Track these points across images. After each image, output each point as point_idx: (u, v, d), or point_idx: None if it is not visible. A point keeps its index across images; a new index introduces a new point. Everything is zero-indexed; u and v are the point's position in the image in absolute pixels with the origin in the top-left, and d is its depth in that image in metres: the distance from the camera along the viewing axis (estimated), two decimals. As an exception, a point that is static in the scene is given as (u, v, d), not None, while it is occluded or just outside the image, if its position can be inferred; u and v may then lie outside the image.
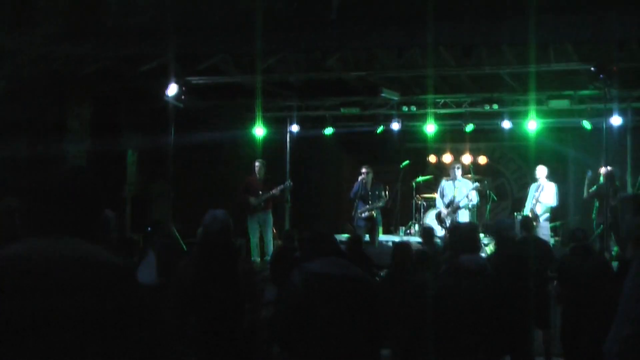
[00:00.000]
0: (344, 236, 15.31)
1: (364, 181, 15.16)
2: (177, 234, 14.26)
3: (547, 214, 15.04)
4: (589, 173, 14.85)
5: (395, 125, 17.23)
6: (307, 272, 4.71)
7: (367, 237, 14.97)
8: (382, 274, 11.88)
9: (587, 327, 8.10)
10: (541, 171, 15.30)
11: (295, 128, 17.79)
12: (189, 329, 5.50)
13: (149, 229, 15.27)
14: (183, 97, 14.72)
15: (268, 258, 13.66)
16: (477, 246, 6.20)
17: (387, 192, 15.46)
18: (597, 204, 14.64)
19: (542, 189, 15.16)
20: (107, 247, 2.49)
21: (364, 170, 15.24)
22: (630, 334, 2.93)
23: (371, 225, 15.06)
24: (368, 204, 15.14)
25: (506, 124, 16.69)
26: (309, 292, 4.62)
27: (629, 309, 2.99)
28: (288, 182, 15.86)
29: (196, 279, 5.67)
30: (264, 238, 15.08)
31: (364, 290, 4.80)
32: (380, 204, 15.21)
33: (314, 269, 4.72)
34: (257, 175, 15.25)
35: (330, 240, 5.04)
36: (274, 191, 15.16)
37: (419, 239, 16.09)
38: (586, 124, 16.28)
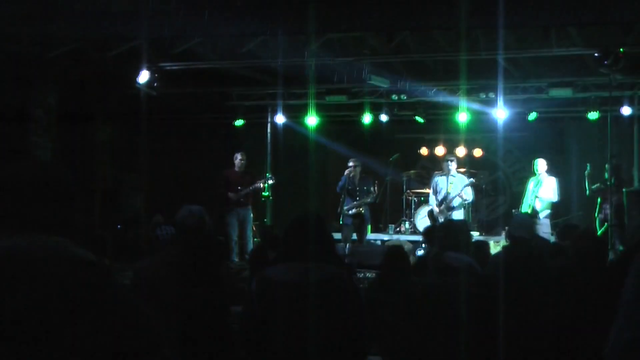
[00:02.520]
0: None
1: (351, 175, 14.32)
2: None
3: (548, 211, 14.33)
4: (588, 168, 14.17)
5: (384, 117, 16.80)
6: (264, 279, 4.60)
7: (354, 236, 14.06)
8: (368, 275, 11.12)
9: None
10: (541, 165, 14.65)
11: (280, 119, 17.13)
12: (171, 332, 5.10)
13: (119, 227, 14.68)
14: (156, 84, 14.16)
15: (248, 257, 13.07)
16: (464, 244, 6.18)
17: (376, 188, 14.66)
18: (599, 200, 13.93)
19: (541, 184, 14.45)
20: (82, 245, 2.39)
21: (351, 163, 14.42)
22: (633, 338, 2.73)
23: (359, 223, 14.23)
24: (356, 199, 14.22)
25: (502, 114, 15.90)
26: (262, 301, 4.54)
27: (631, 311, 2.78)
28: (269, 177, 15.27)
29: (172, 279, 5.37)
30: (244, 236, 14.47)
31: (335, 296, 4.58)
32: (369, 200, 14.37)
33: (272, 275, 4.59)
34: (238, 169, 14.62)
35: (308, 236, 4.71)
36: (254, 186, 14.48)
37: (409, 237, 15.38)
38: (590, 114, 15.65)
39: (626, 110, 15.14)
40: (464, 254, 6.08)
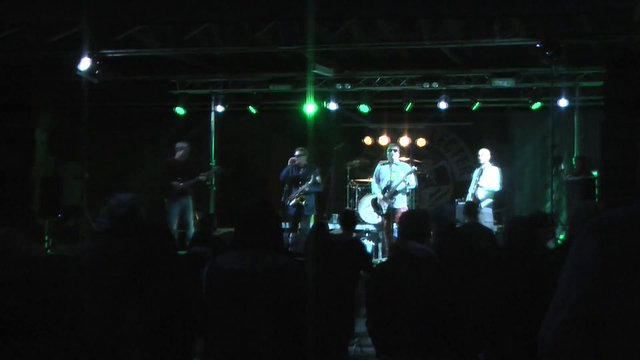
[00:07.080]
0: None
1: (295, 163, 14.22)
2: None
3: (490, 200, 14.40)
4: (562, 165, 14.31)
5: (333, 105, 16.85)
6: (214, 267, 4.72)
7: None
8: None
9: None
10: (484, 155, 14.71)
11: (220, 108, 16.96)
12: (126, 324, 5.27)
13: (60, 216, 14.45)
14: (97, 71, 13.91)
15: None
16: (427, 234, 5.98)
17: (319, 177, 14.58)
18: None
19: (483, 173, 14.52)
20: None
21: (297, 152, 14.35)
22: (566, 319, 2.71)
23: (299, 213, 14.11)
24: (299, 188, 14.15)
25: (444, 104, 16.13)
26: (211, 289, 4.68)
27: (565, 293, 2.77)
28: (217, 167, 15.43)
29: (106, 267, 5.34)
30: (185, 224, 14.31)
31: (284, 285, 4.65)
32: (316, 189, 14.29)
33: (222, 263, 4.71)
34: (180, 158, 14.42)
35: (262, 225, 4.78)
36: (201, 177, 14.43)
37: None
38: (533, 104, 15.71)
39: (563, 103, 15.40)
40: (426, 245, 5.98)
